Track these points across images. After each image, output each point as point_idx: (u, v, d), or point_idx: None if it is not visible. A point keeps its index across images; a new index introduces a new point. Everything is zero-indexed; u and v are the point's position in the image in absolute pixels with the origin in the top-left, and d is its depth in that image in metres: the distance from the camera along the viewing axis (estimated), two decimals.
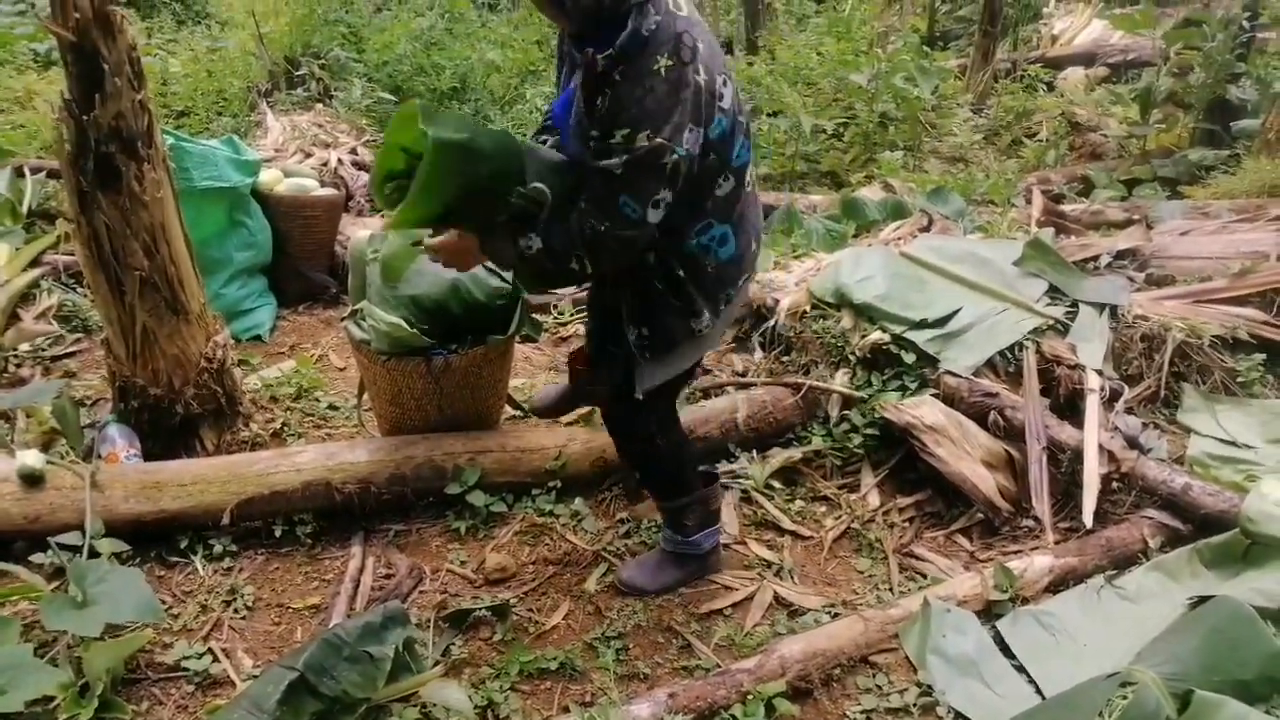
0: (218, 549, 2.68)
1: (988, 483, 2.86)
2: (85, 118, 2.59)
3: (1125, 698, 2.07)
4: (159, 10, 10.35)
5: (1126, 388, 3.10)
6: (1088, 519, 2.69)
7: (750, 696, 2.12)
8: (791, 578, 2.68)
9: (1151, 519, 2.68)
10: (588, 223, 1.96)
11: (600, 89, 1.91)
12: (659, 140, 1.86)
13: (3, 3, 9.91)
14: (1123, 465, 2.78)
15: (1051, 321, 3.28)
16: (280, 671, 2.03)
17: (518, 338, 3.05)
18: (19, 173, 5.04)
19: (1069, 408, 3.06)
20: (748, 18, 9.60)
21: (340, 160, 5.39)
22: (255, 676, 2.23)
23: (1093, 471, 2.77)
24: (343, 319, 3.02)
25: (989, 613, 2.44)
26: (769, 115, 6.92)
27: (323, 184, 4.84)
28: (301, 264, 4.45)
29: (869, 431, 3.10)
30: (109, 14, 2.57)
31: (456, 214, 2.07)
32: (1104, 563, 2.58)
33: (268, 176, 4.37)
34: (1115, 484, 2.80)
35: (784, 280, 3.83)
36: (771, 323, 3.60)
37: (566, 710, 2.18)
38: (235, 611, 2.51)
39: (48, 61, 8.24)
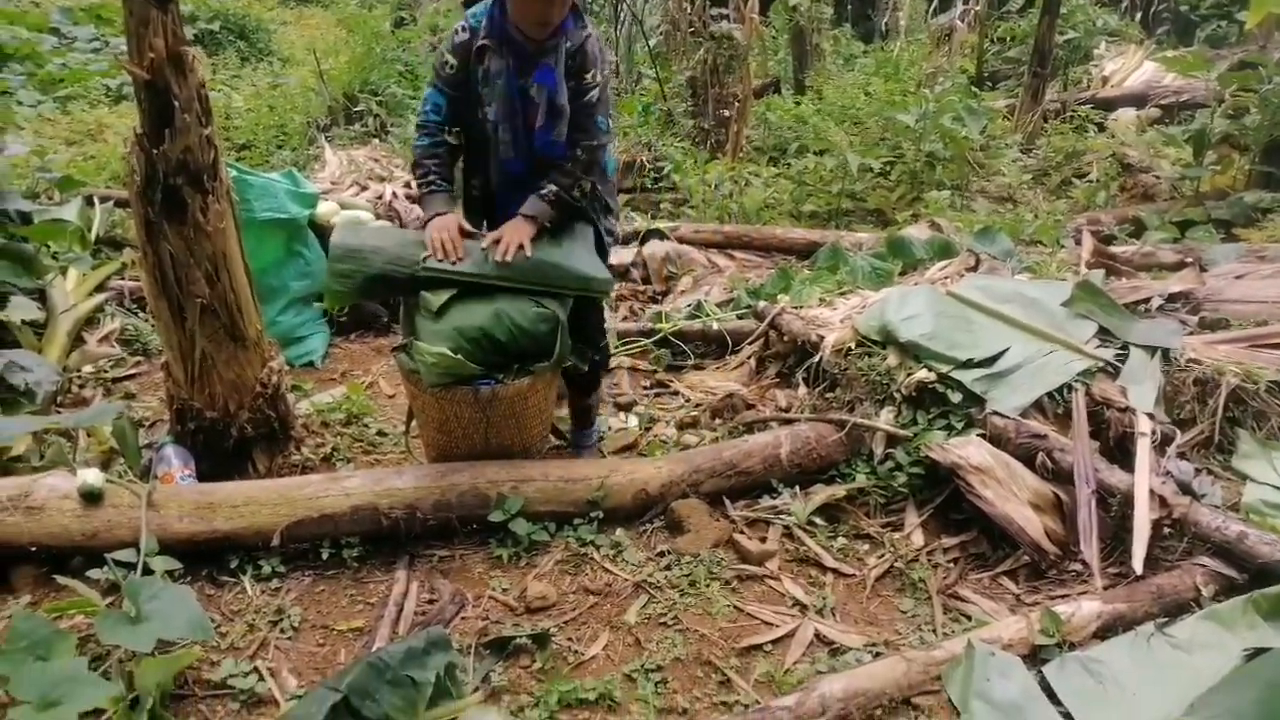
0: (266, 570, 2.74)
1: (1034, 525, 2.82)
2: (155, 151, 2.71)
3: None
4: (224, 48, 10.75)
5: (1179, 432, 3.05)
6: (1138, 565, 2.64)
7: None
8: (833, 616, 2.66)
9: (1204, 567, 2.62)
10: (580, 147, 2.95)
11: (570, 57, 2.88)
12: (606, 73, 2.97)
13: (79, 40, 10.36)
14: (1175, 511, 2.72)
15: (1101, 364, 3.24)
16: (324, 693, 2.06)
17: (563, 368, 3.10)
18: (89, 201, 5.25)
19: (1119, 451, 3.01)
20: (795, 58, 9.69)
21: (394, 194, 5.51)
22: (299, 696, 2.27)
23: (1143, 516, 2.72)
24: (393, 349, 3.09)
25: (1034, 658, 2.39)
26: (815, 153, 6.96)
27: (377, 216, 4.97)
28: None
29: (914, 470, 3.07)
30: (181, 54, 2.69)
31: (369, 291, 3.04)
32: (1154, 610, 2.52)
33: (324, 208, 4.50)
34: (1166, 530, 2.74)
35: (829, 317, 3.83)
36: (816, 359, 3.60)
37: None
38: (281, 632, 2.55)
39: (119, 96, 8.60)
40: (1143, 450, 2.90)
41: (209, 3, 11.42)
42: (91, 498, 2.67)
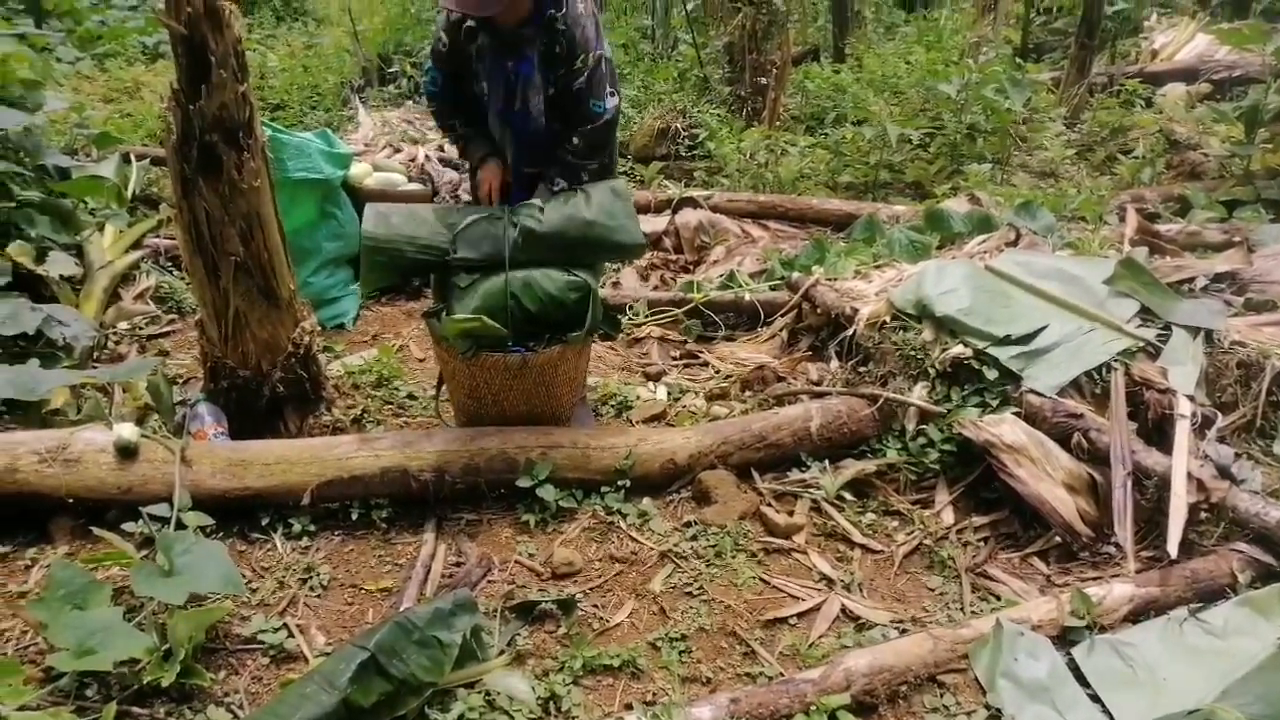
0: (296, 528, 2.77)
1: (1068, 506, 2.78)
2: (192, 107, 2.70)
3: None
4: (259, 6, 10.74)
5: (1220, 415, 2.98)
6: (1173, 549, 2.59)
7: (813, 707, 2.10)
8: (860, 591, 2.64)
9: (1241, 553, 2.57)
10: (578, 134, 2.99)
11: (555, 42, 2.85)
12: (600, 51, 2.91)
13: None
14: (1212, 495, 2.67)
15: (1142, 343, 3.17)
16: (352, 650, 2.08)
17: (595, 336, 3.08)
18: (125, 159, 5.29)
19: (1157, 433, 2.95)
20: (836, 25, 9.52)
21: (428, 156, 5.51)
22: (327, 653, 2.29)
23: (1180, 500, 2.67)
24: (424, 314, 3.08)
25: (1064, 639, 2.37)
26: (854, 123, 6.85)
27: (410, 179, 4.97)
28: None
29: (946, 447, 3.04)
30: (218, 9, 2.67)
31: (403, 276, 3.48)
32: (1188, 595, 2.48)
33: (357, 170, 4.50)
34: (1203, 514, 2.69)
35: (864, 289, 3.78)
36: (850, 332, 3.56)
37: (629, 708, 2.18)
38: (311, 589, 2.58)
39: (155, 54, 8.63)
40: (1181, 432, 2.84)
41: None
42: (126, 452, 2.70)
